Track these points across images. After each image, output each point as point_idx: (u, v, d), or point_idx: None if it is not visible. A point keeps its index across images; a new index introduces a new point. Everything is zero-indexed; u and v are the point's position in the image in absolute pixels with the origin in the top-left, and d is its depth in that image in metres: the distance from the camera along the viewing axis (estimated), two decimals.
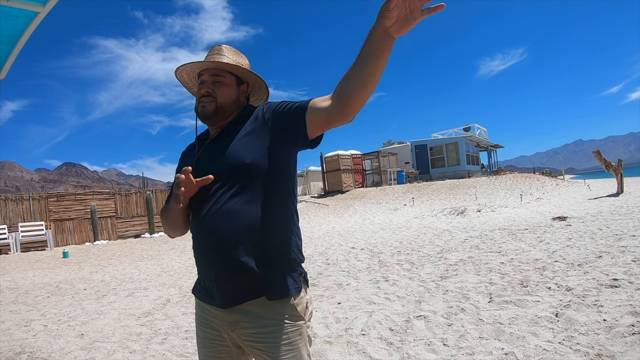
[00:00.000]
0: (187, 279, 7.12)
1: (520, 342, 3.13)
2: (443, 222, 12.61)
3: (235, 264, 1.37)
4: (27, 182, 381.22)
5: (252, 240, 1.39)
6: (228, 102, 1.56)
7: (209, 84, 1.55)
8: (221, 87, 1.55)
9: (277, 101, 1.52)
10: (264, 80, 1.67)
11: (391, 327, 3.77)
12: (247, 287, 1.39)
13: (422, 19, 1.19)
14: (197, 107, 1.56)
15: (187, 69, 1.63)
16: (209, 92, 1.54)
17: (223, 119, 1.57)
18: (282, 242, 1.47)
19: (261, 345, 1.40)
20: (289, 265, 1.48)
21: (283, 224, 1.48)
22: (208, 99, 1.53)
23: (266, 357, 1.40)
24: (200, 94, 1.55)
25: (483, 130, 36.10)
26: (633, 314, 3.37)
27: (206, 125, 1.65)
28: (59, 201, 17.23)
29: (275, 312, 1.40)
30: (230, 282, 1.39)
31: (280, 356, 1.38)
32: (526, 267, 5.43)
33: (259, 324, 1.40)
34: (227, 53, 1.60)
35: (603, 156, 15.86)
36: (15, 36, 3.13)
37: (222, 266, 1.38)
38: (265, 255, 1.41)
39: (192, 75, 1.68)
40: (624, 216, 9.01)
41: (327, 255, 8.38)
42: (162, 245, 14.18)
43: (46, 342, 4.20)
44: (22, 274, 9.52)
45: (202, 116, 1.55)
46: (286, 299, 1.42)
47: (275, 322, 1.40)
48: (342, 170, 27.01)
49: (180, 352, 3.67)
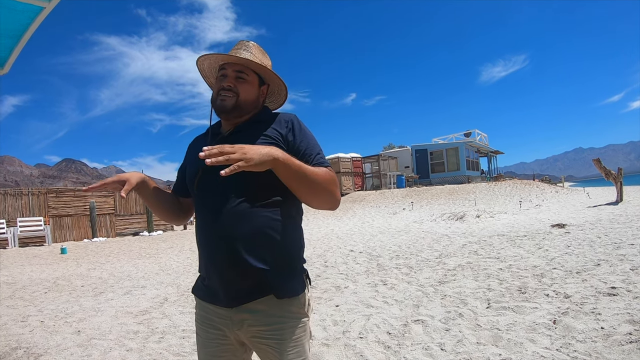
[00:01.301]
0: (185, 277, 7.11)
1: (518, 349, 3.13)
2: (442, 227, 12.61)
3: (245, 264, 1.37)
4: (26, 177, 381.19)
5: (263, 242, 1.39)
6: (249, 101, 1.55)
7: (231, 79, 1.52)
8: (244, 84, 1.53)
9: (304, 131, 1.53)
10: (285, 85, 1.64)
11: (389, 331, 3.77)
12: (256, 287, 1.40)
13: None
14: (215, 100, 1.53)
15: (210, 60, 1.60)
16: (231, 86, 1.50)
17: (239, 117, 1.54)
18: (290, 244, 1.48)
19: (268, 341, 1.42)
20: (296, 265, 1.50)
21: (291, 226, 1.49)
22: (229, 93, 1.50)
23: (272, 352, 1.42)
24: (221, 86, 1.52)
25: (484, 136, 36.11)
26: (631, 323, 3.36)
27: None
28: (58, 197, 17.22)
29: (282, 310, 1.43)
30: (239, 282, 1.39)
31: (287, 351, 1.41)
32: (524, 273, 5.43)
33: (267, 321, 1.41)
34: (255, 51, 1.57)
35: (603, 164, 15.86)
36: (19, 31, 3.13)
37: (232, 266, 1.38)
38: (275, 256, 1.42)
39: (213, 66, 1.64)
40: (623, 225, 9.01)
41: (325, 257, 8.38)
42: (160, 243, 14.17)
43: (43, 338, 4.19)
44: (19, 269, 9.51)
45: (219, 109, 1.52)
46: (294, 297, 1.45)
47: (282, 319, 1.42)
48: (342, 173, 27.04)
49: (177, 351, 3.66)
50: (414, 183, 29.62)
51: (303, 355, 1.46)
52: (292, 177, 1.35)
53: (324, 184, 1.40)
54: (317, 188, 1.40)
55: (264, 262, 1.39)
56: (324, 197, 1.43)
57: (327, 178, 1.41)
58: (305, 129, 1.54)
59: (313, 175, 1.37)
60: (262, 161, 1.26)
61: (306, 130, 1.54)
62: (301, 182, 1.37)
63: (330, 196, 1.43)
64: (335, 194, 1.45)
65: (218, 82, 1.55)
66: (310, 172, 1.37)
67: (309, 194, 1.41)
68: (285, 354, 1.41)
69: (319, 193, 1.41)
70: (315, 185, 1.39)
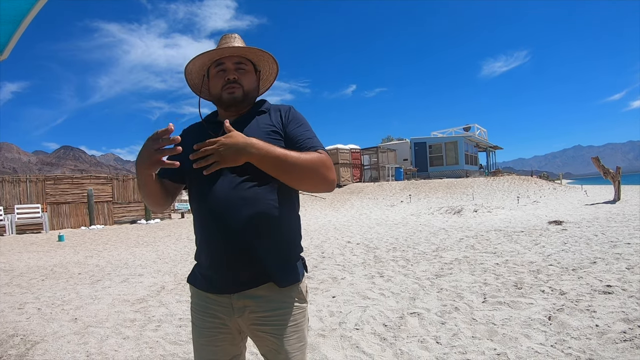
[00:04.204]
0: (182, 266, 7.13)
1: (513, 344, 3.15)
2: (439, 220, 12.64)
3: (247, 249, 1.39)
4: (24, 164, 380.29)
5: (265, 228, 1.41)
6: (252, 89, 1.59)
7: (233, 71, 1.54)
8: (246, 74, 1.56)
9: (297, 119, 1.56)
10: (277, 63, 1.67)
11: (385, 323, 3.79)
12: (258, 273, 1.42)
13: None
14: (222, 94, 1.54)
15: (203, 59, 1.58)
16: (236, 78, 1.53)
17: (247, 107, 1.59)
18: (290, 231, 1.52)
19: (268, 327, 1.44)
20: (295, 253, 1.54)
21: (291, 214, 1.53)
22: (236, 85, 1.53)
23: (272, 338, 1.44)
24: (226, 79, 1.53)
25: (483, 130, 36.10)
26: (625, 321, 3.38)
27: (215, 110, 1.65)
28: (56, 184, 17.17)
29: (284, 295, 1.46)
30: (240, 268, 1.41)
31: (287, 336, 1.45)
32: (521, 269, 5.45)
33: (269, 307, 1.44)
34: (241, 43, 1.60)
35: (601, 163, 15.88)
36: (19, 16, 3.10)
37: (234, 251, 1.39)
38: (276, 243, 1.45)
39: (201, 70, 1.64)
40: (620, 223, 9.03)
41: (322, 248, 8.40)
42: (158, 232, 14.18)
43: (39, 325, 4.20)
44: (17, 256, 9.52)
45: (229, 102, 1.53)
46: (295, 284, 1.48)
47: (284, 305, 1.45)
48: (341, 165, 27.03)
49: (173, 339, 3.67)
50: (412, 176, 29.66)
51: (303, 340, 1.49)
52: (272, 168, 1.36)
53: (312, 167, 1.39)
54: (303, 173, 1.39)
55: (266, 249, 1.41)
56: (312, 181, 1.42)
57: (314, 161, 1.40)
58: (299, 117, 1.57)
59: (298, 161, 1.36)
60: (236, 162, 1.31)
61: (300, 118, 1.57)
62: (284, 170, 1.36)
63: (320, 179, 1.42)
64: (327, 176, 1.43)
65: (218, 77, 1.55)
66: (295, 159, 1.36)
67: (295, 179, 1.40)
68: (285, 339, 1.44)
69: (306, 178, 1.40)
70: (300, 170, 1.38)
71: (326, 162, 1.44)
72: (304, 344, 1.50)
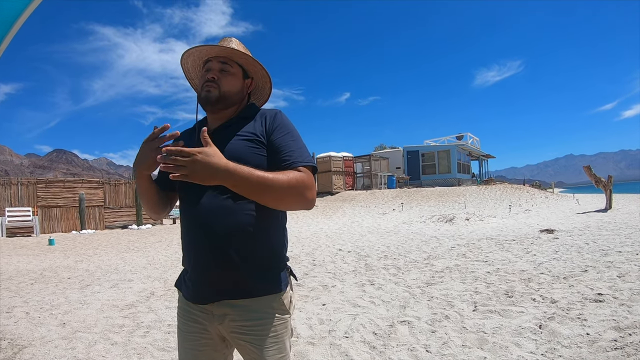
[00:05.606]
0: (172, 272, 7.08)
1: (503, 352, 3.14)
2: (431, 228, 12.66)
3: (226, 257, 1.37)
4: (16, 166, 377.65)
5: (245, 237, 1.39)
6: (232, 92, 1.54)
7: (215, 71, 1.53)
8: (227, 76, 1.54)
9: (283, 128, 1.50)
10: (269, 77, 1.65)
11: (375, 331, 3.77)
12: (237, 282, 1.40)
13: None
14: (201, 92, 1.53)
15: (194, 57, 1.60)
16: (214, 78, 1.51)
17: (224, 109, 1.54)
18: (273, 241, 1.49)
19: (248, 337, 1.42)
20: (278, 263, 1.51)
21: (275, 224, 1.50)
22: (213, 84, 1.51)
23: (252, 348, 1.42)
24: (206, 78, 1.52)
25: (476, 139, 36.29)
26: (616, 329, 3.39)
27: (205, 113, 1.62)
28: (48, 188, 17.07)
29: (264, 306, 1.43)
30: (220, 276, 1.39)
31: (267, 347, 1.42)
32: (512, 277, 5.45)
33: (248, 317, 1.41)
34: (238, 46, 1.58)
35: (593, 172, 15.99)
36: (12, 17, 3.08)
37: (214, 259, 1.38)
38: (256, 253, 1.42)
39: (197, 63, 1.65)
40: (611, 232, 9.09)
41: (313, 256, 8.38)
42: (148, 237, 14.10)
43: (27, 329, 4.15)
44: (6, 259, 9.42)
45: (204, 101, 1.52)
46: (275, 294, 1.45)
47: (264, 315, 1.43)
48: (333, 172, 27.06)
49: (162, 346, 3.64)
50: (404, 184, 29.72)
51: (284, 352, 1.46)
52: (246, 193, 1.30)
53: (289, 191, 1.34)
54: (280, 197, 1.34)
55: (246, 258, 1.39)
56: (288, 202, 1.38)
57: (292, 184, 1.34)
58: (285, 123, 1.52)
59: (275, 185, 1.31)
60: (206, 182, 1.24)
61: (286, 124, 1.51)
62: (259, 195, 1.32)
63: (297, 200, 1.37)
64: (306, 197, 1.38)
65: (203, 76, 1.55)
66: (272, 182, 1.30)
67: (271, 202, 1.36)
68: (266, 349, 1.41)
69: (282, 200, 1.36)
70: (277, 194, 1.33)
71: (306, 182, 1.39)
72: (284, 355, 1.47)
